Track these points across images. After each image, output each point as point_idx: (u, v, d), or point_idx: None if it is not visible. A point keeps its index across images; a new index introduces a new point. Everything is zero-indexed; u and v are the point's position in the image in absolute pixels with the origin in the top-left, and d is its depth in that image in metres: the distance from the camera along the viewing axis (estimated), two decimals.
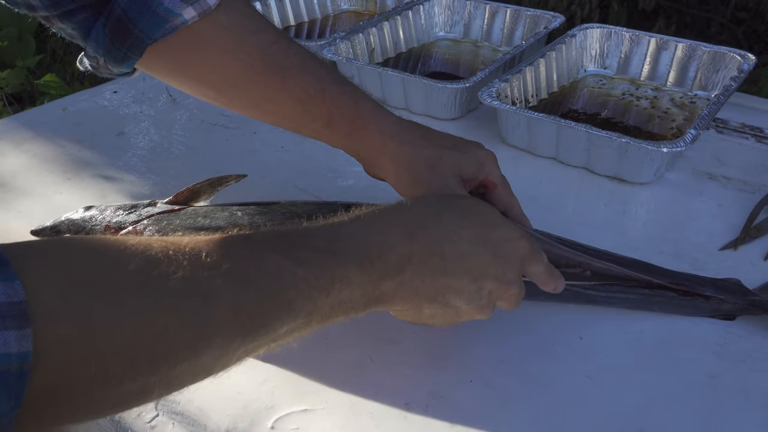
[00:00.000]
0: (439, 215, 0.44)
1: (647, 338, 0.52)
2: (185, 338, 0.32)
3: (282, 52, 0.53)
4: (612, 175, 0.72)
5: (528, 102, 0.84)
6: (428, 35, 1.04)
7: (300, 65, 0.53)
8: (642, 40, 0.89)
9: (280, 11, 1.10)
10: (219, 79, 0.53)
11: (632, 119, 0.83)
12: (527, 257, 0.46)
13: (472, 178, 0.54)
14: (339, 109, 0.53)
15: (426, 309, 0.43)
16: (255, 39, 0.52)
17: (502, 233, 0.45)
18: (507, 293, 0.45)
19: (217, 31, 0.51)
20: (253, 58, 0.52)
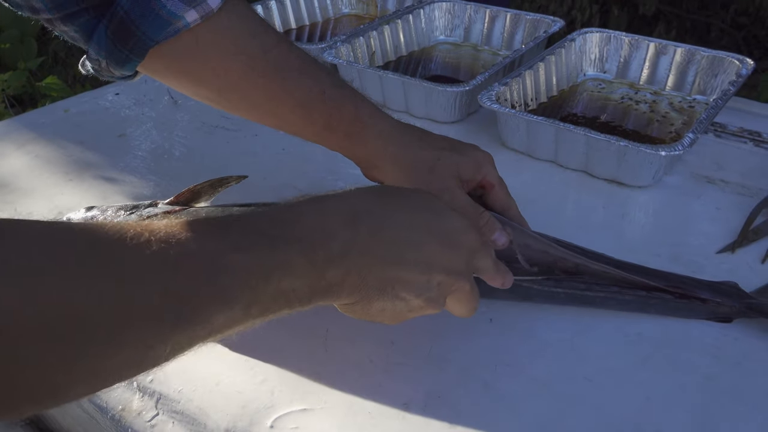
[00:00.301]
0: (384, 203, 0.43)
1: (645, 340, 0.52)
2: (100, 319, 0.30)
3: (283, 56, 0.53)
4: (610, 178, 0.72)
5: (527, 105, 0.85)
6: (429, 39, 1.05)
7: (300, 68, 0.54)
8: (641, 44, 0.90)
9: (281, 14, 1.11)
10: (220, 81, 0.54)
11: (631, 123, 0.84)
12: (476, 250, 0.45)
13: (471, 179, 0.55)
14: (338, 111, 0.54)
15: (375, 302, 0.42)
16: (256, 42, 0.53)
17: (451, 223, 0.44)
18: (457, 286, 0.44)
19: (218, 34, 0.51)
20: (254, 61, 0.52)
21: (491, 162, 0.56)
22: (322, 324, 0.54)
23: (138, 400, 0.49)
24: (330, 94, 0.54)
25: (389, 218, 0.42)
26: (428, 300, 0.43)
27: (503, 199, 0.56)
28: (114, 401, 0.50)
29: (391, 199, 0.44)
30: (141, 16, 0.48)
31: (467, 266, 0.45)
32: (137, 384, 0.50)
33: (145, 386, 0.49)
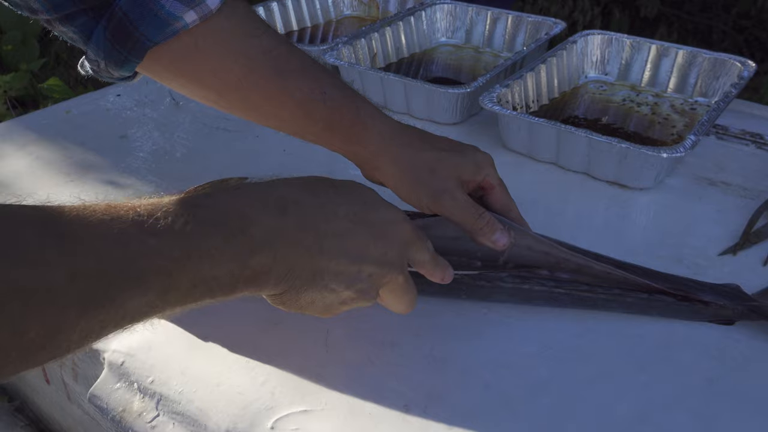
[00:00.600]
0: (315, 192, 0.43)
1: (646, 343, 0.52)
2: (3, 299, 0.29)
3: (283, 57, 0.53)
4: (612, 180, 0.72)
5: (529, 107, 0.84)
6: (430, 41, 1.05)
7: (301, 69, 0.54)
8: (643, 46, 0.90)
9: (283, 16, 1.11)
10: (220, 82, 0.53)
11: (633, 125, 0.84)
12: (410, 243, 0.46)
13: (471, 180, 0.55)
14: (339, 112, 0.54)
15: (304, 294, 0.41)
16: (256, 43, 0.53)
17: (382, 214, 0.44)
18: (389, 278, 0.44)
19: (218, 35, 0.51)
20: (254, 62, 0.52)
21: (491, 163, 0.57)
22: (322, 325, 0.54)
23: (138, 401, 0.49)
24: (330, 95, 0.54)
25: (319, 209, 0.42)
26: (359, 291, 0.43)
27: (503, 200, 0.56)
28: (114, 402, 0.50)
29: (322, 189, 0.43)
30: (140, 16, 0.48)
31: (400, 258, 0.44)
32: (138, 385, 0.50)
33: (146, 387, 0.49)
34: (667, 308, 0.54)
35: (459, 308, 0.56)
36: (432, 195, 0.53)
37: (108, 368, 0.52)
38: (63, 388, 0.60)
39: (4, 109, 1.73)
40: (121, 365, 0.51)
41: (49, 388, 0.63)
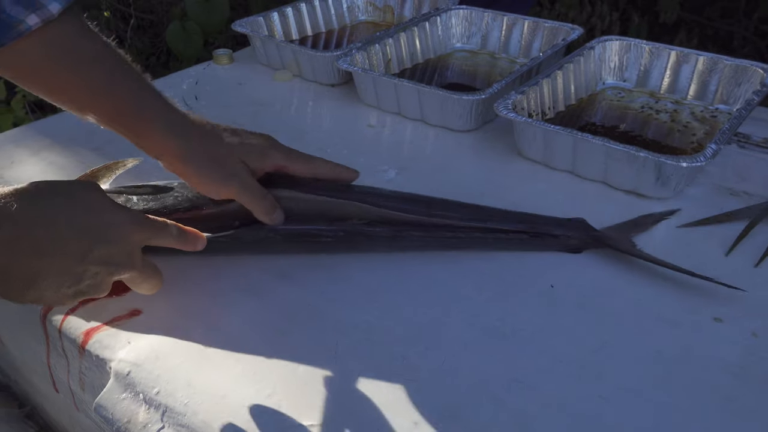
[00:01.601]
0: (33, 200, 0.46)
1: (663, 358, 0.50)
2: None
3: (107, 60, 0.58)
4: (630, 189, 0.70)
5: (545, 114, 0.83)
6: (445, 46, 1.04)
7: (111, 69, 0.57)
8: (662, 53, 0.88)
9: (297, 22, 1.10)
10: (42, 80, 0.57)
11: (651, 133, 0.82)
12: (141, 240, 0.51)
13: (259, 168, 0.60)
14: (124, 104, 0.58)
15: (28, 292, 0.45)
16: (89, 46, 0.57)
17: (106, 218, 0.48)
18: (119, 274, 0.50)
19: (56, 38, 0.55)
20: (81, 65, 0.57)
21: (275, 146, 0.62)
22: (332, 336, 0.53)
23: (144, 412, 0.48)
24: (120, 87, 0.58)
25: (37, 217, 0.45)
26: (89, 287, 0.48)
27: (303, 168, 0.62)
28: (120, 413, 0.49)
29: (42, 196, 0.46)
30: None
31: (129, 257, 0.50)
32: (143, 396, 0.49)
33: (151, 398, 0.49)
34: (523, 243, 0.62)
35: (470, 319, 0.54)
36: (221, 180, 0.58)
37: (114, 378, 0.51)
38: (71, 397, 0.60)
39: (23, 114, 1.75)
40: (127, 375, 0.51)
41: (58, 396, 0.63)
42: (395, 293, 0.58)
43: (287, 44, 0.99)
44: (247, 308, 0.56)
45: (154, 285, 0.54)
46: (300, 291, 0.58)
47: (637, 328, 0.53)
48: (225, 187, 0.58)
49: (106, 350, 0.53)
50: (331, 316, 0.55)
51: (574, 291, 0.57)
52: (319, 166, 0.63)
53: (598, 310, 0.55)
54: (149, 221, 0.52)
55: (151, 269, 0.53)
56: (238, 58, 1.08)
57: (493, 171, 0.77)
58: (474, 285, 0.58)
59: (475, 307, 0.56)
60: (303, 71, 1.00)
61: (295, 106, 0.96)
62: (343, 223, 0.60)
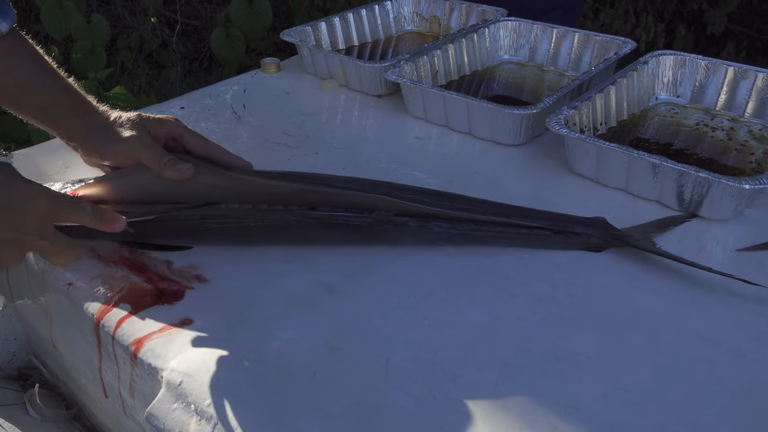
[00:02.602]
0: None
1: (727, 389, 0.49)
2: None
3: (40, 65, 0.67)
4: (686, 210, 0.68)
5: (596, 130, 0.82)
6: (493, 58, 1.03)
7: (30, 59, 0.67)
8: (719, 68, 0.86)
9: (344, 31, 1.11)
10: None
11: (706, 151, 0.80)
12: (52, 213, 0.56)
13: (157, 133, 0.66)
14: (54, 100, 0.67)
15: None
16: (36, 61, 0.67)
17: (16, 193, 0.54)
18: (30, 244, 0.56)
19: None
20: (21, 72, 0.67)
21: (176, 120, 0.68)
22: (382, 352, 0.52)
23: (195, 423, 0.48)
24: (49, 84, 0.67)
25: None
26: (4, 252, 0.55)
27: (200, 144, 0.67)
28: (171, 423, 0.49)
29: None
30: None
31: (39, 228, 0.55)
32: (195, 407, 0.49)
33: (203, 410, 0.49)
34: (545, 240, 0.64)
35: (525, 341, 0.53)
36: (124, 143, 0.64)
37: (166, 387, 0.51)
38: (120, 402, 0.61)
39: None
40: (179, 385, 0.51)
41: (107, 401, 0.64)
42: (445, 311, 0.57)
43: (335, 54, 1.00)
44: (296, 322, 0.56)
45: (68, 257, 0.60)
46: (348, 305, 0.58)
47: (696, 354, 0.52)
48: (127, 148, 0.65)
49: (158, 359, 0.53)
50: (380, 331, 0.55)
51: (627, 310, 0.56)
52: (214, 147, 0.68)
53: (654, 333, 0.54)
54: (62, 195, 0.58)
55: (64, 241, 0.58)
56: (286, 66, 1.09)
57: (541, 186, 0.76)
58: (527, 305, 0.57)
59: (528, 327, 0.55)
60: (350, 81, 1.00)
61: (341, 116, 0.96)
62: (371, 213, 0.63)
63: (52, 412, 0.72)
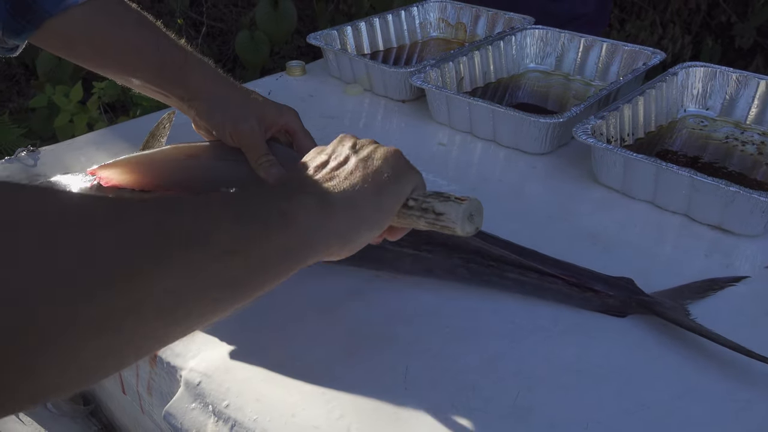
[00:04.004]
0: None
1: (755, 409, 0.47)
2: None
3: (145, 22, 0.63)
4: (715, 224, 0.67)
5: (623, 141, 0.80)
6: (519, 66, 1.02)
7: (152, 29, 0.63)
8: (750, 81, 0.84)
9: (369, 36, 1.11)
10: (90, 47, 0.62)
11: (735, 165, 0.78)
12: None
13: (273, 123, 0.64)
14: (170, 58, 0.63)
15: None
16: (132, 16, 0.63)
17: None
18: None
19: (101, 10, 0.61)
20: (123, 29, 0.62)
21: (295, 114, 0.67)
22: (402, 359, 0.52)
23: (213, 424, 0.48)
24: (164, 45, 0.63)
25: None
26: None
27: (308, 146, 0.64)
28: (189, 423, 0.49)
29: None
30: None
31: None
32: (213, 408, 0.49)
33: (221, 411, 0.49)
34: (560, 293, 0.57)
35: (547, 354, 0.52)
36: (233, 121, 0.62)
37: (184, 387, 0.51)
38: (137, 400, 0.61)
39: (97, 114, 1.81)
40: (197, 385, 0.51)
41: (124, 398, 0.64)
42: (465, 318, 0.56)
43: (360, 58, 1.00)
44: (318, 325, 0.56)
45: None
46: (371, 310, 0.57)
47: (723, 371, 0.50)
48: (235, 128, 0.62)
49: (177, 358, 0.53)
50: (401, 338, 0.54)
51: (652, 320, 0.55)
52: None
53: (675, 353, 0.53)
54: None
55: None
56: (310, 70, 1.09)
57: (566, 196, 0.75)
58: (550, 316, 0.56)
59: (550, 339, 0.54)
60: (374, 86, 1.00)
61: (364, 120, 0.95)
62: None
63: (69, 407, 0.72)
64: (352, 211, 0.42)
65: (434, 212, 0.45)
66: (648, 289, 0.57)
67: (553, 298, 0.57)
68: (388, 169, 0.46)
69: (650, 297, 0.56)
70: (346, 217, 0.42)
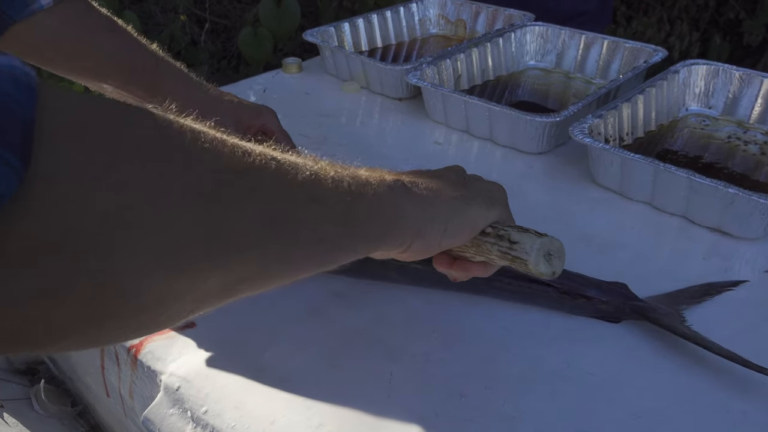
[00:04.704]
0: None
1: (751, 420, 0.46)
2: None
3: (115, 27, 0.62)
4: (714, 226, 0.65)
5: (622, 140, 0.79)
6: (518, 64, 1.01)
7: (123, 35, 0.62)
8: (753, 80, 0.82)
9: (368, 33, 1.09)
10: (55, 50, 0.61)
11: (737, 165, 0.76)
12: None
13: (250, 124, 0.63)
14: (141, 64, 0.62)
15: None
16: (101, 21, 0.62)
17: None
18: None
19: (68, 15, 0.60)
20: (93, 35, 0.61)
21: (274, 115, 0.66)
22: (386, 367, 0.50)
23: (191, 430, 0.47)
24: (134, 50, 0.62)
25: None
26: None
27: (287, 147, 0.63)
28: (167, 428, 0.48)
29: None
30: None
31: None
32: (191, 414, 0.48)
33: (199, 417, 0.47)
34: (550, 299, 0.55)
35: (536, 360, 0.51)
36: None
37: (164, 391, 0.50)
38: (121, 403, 0.60)
39: None
40: (176, 390, 0.49)
41: (109, 401, 0.63)
42: (454, 323, 0.55)
43: (356, 56, 0.98)
44: (300, 329, 0.55)
45: None
46: (355, 313, 0.56)
47: (720, 380, 0.49)
48: None
49: (158, 362, 0.52)
50: (386, 342, 0.53)
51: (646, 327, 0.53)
52: None
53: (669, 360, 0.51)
54: None
55: None
56: (307, 67, 1.08)
57: (563, 197, 0.73)
58: (540, 321, 0.55)
59: (539, 344, 0.52)
60: (371, 84, 0.98)
61: (360, 118, 0.94)
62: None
63: (56, 409, 0.71)
64: (432, 204, 0.41)
65: (509, 240, 0.43)
66: (644, 293, 0.56)
67: (544, 304, 0.56)
68: (484, 191, 0.46)
69: (645, 302, 0.54)
70: (423, 204, 0.41)
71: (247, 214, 0.29)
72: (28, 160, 0.21)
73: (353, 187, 0.36)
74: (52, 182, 0.22)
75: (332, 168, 0.35)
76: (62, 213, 0.22)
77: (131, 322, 0.26)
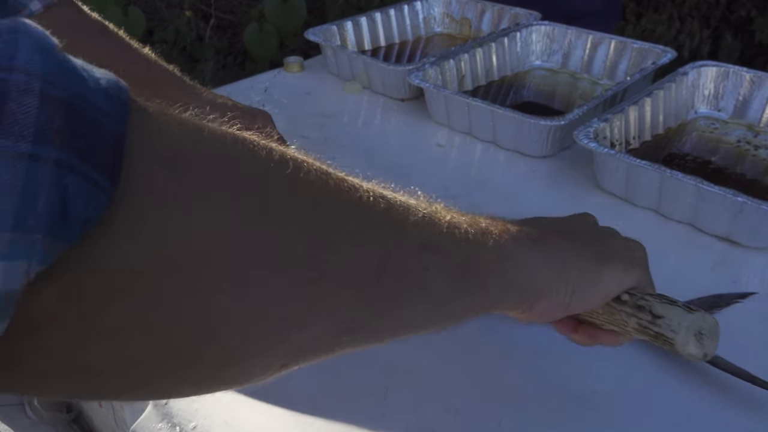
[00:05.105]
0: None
1: None
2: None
3: (107, 31, 0.62)
4: (723, 235, 0.63)
5: (629, 144, 0.77)
6: (523, 64, 0.99)
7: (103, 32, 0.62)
8: (765, 82, 0.80)
9: (371, 31, 1.07)
10: None
11: (747, 170, 0.74)
12: None
13: (245, 129, 0.60)
14: (132, 69, 0.60)
15: None
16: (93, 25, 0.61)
17: None
18: None
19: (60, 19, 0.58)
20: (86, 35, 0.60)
21: (269, 119, 0.65)
22: (382, 383, 0.49)
23: None
24: (128, 55, 0.61)
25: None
26: None
27: None
28: None
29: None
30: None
31: None
32: (180, 429, 0.46)
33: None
34: None
35: (533, 373, 0.49)
36: None
37: (152, 405, 0.49)
38: (112, 413, 0.58)
39: None
40: (165, 404, 0.48)
41: (101, 411, 0.62)
42: (451, 338, 0.53)
43: (358, 55, 0.96)
44: None
45: None
46: None
47: (723, 401, 0.47)
48: None
49: None
50: (381, 356, 0.51)
51: None
52: None
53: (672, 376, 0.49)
54: None
55: None
56: (309, 66, 1.06)
57: (566, 202, 0.72)
58: (541, 334, 0.53)
59: (538, 360, 0.51)
60: (373, 84, 0.96)
61: (362, 119, 0.93)
62: None
63: (50, 415, 0.70)
64: (560, 261, 0.36)
65: (651, 313, 0.38)
66: None
67: None
68: (622, 249, 0.40)
69: None
70: (550, 261, 0.36)
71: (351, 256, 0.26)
72: (117, 179, 0.19)
73: (471, 235, 0.32)
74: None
75: (448, 212, 0.32)
76: (154, 241, 0.20)
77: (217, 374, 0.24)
